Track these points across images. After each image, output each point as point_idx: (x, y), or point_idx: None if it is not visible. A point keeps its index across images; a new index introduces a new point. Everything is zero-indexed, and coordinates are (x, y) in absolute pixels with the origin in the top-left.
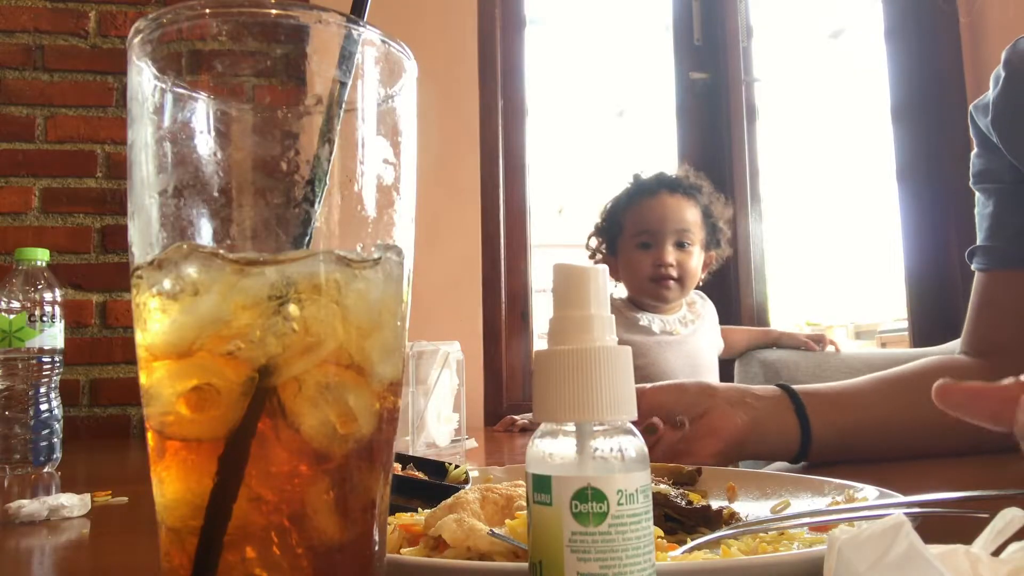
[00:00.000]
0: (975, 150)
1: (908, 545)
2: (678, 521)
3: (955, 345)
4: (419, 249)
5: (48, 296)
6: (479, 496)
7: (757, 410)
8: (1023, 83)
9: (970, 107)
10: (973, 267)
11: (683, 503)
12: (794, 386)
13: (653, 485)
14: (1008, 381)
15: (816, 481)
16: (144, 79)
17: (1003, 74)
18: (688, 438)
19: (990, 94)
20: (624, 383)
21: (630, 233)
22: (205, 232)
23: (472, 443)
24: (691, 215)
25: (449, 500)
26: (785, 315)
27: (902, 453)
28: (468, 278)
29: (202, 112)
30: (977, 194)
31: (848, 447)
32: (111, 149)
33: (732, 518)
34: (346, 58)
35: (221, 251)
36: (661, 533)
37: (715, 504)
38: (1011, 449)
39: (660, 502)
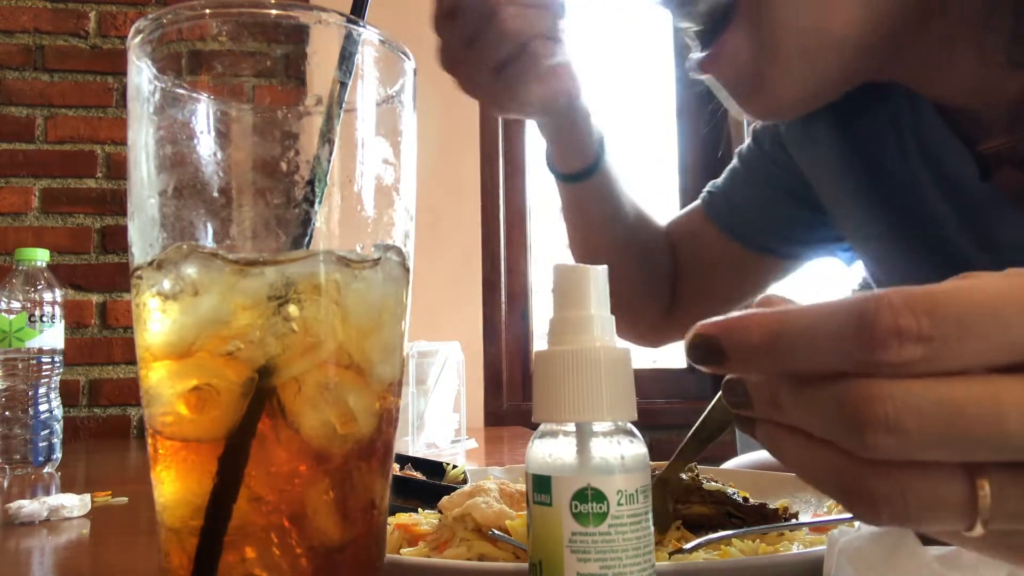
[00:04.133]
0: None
1: (908, 545)
2: (739, 518)
3: None
4: (419, 249)
5: (48, 296)
6: (497, 487)
7: None
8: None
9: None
10: (699, 200)
11: (740, 500)
12: None
13: (714, 484)
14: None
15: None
16: (144, 79)
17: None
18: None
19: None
20: (624, 383)
21: None
22: (205, 232)
23: (472, 443)
24: None
25: (467, 488)
26: None
27: None
28: (468, 278)
29: (202, 112)
30: (746, 147)
31: None
32: (111, 149)
33: (787, 513)
34: (346, 58)
35: (221, 251)
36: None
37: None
38: None
39: (722, 500)
